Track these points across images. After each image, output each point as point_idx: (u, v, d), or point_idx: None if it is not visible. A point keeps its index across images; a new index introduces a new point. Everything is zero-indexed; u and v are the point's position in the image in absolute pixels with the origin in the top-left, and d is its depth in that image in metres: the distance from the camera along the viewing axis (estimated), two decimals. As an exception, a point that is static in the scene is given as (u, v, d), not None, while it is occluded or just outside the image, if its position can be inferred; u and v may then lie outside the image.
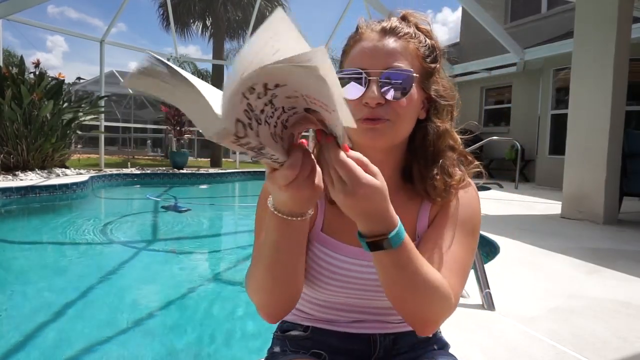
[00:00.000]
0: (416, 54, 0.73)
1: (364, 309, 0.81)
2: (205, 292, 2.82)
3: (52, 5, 50.87)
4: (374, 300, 0.79)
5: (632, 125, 7.57)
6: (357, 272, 0.77)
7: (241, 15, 16.25)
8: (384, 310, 0.82)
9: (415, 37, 0.73)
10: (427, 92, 0.75)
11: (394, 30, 0.72)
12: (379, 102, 0.69)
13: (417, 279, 0.63)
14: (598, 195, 4.62)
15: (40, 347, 1.93)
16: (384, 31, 0.73)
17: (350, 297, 0.79)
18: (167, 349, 1.98)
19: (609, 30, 4.53)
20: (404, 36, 0.72)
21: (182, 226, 4.85)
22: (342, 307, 0.82)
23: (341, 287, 0.78)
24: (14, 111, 6.76)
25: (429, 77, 0.75)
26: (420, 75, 0.73)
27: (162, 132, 17.16)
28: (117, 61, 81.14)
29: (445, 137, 0.77)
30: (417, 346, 0.86)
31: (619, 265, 2.88)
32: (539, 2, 10.89)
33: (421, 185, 0.77)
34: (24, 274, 3.07)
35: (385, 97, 0.69)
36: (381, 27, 0.73)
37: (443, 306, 0.66)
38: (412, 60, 0.72)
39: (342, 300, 0.80)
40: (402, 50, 0.71)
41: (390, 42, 0.71)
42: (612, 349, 1.69)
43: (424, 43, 0.74)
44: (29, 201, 5.63)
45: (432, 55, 0.75)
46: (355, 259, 0.77)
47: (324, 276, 0.77)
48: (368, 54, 0.71)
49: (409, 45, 0.72)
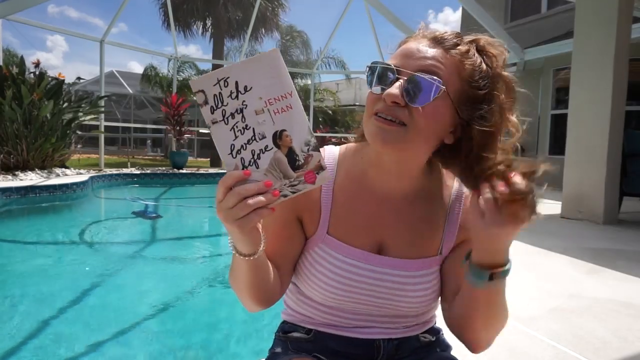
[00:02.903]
0: (459, 71, 0.67)
1: (369, 316, 0.81)
2: (205, 293, 2.82)
3: (53, 4, 50.86)
4: (379, 307, 0.78)
5: (632, 125, 7.56)
6: (363, 277, 0.76)
7: (241, 15, 16.24)
8: (389, 318, 0.81)
9: (468, 57, 0.68)
10: (462, 116, 0.68)
11: (444, 41, 0.69)
12: (395, 101, 0.65)
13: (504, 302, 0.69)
14: (598, 195, 4.62)
15: (41, 347, 1.93)
16: (434, 39, 0.69)
17: (356, 302, 0.78)
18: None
19: (609, 30, 4.53)
20: (451, 50, 0.68)
21: (183, 226, 4.85)
22: (346, 313, 0.81)
23: (345, 291, 0.76)
24: (14, 111, 6.75)
25: (471, 103, 0.67)
26: (458, 96, 0.67)
27: (161, 132, 17.18)
28: (117, 61, 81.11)
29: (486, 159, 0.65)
30: (420, 350, 0.86)
31: (619, 265, 2.88)
32: (539, 2, 10.88)
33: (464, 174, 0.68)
34: (23, 274, 3.06)
35: (405, 99, 0.65)
36: (434, 35, 0.70)
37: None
38: (451, 77, 0.67)
39: (347, 307, 0.79)
40: (442, 61, 0.67)
41: (433, 51, 0.68)
42: (612, 349, 1.69)
43: (476, 66, 0.68)
44: (29, 201, 5.63)
45: (484, 81, 0.68)
46: (362, 262, 0.76)
47: (328, 278, 0.76)
48: (406, 54, 0.69)
49: (454, 61, 0.67)
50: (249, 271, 0.68)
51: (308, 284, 0.79)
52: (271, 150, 0.58)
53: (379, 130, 0.67)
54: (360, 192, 0.78)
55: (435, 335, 0.89)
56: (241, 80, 0.56)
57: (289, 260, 0.79)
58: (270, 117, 0.57)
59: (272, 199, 0.56)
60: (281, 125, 0.58)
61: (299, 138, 0.58)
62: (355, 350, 0.82)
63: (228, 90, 0.56)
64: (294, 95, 0.58)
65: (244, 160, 0.57)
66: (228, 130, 0.57)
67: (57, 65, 74.52)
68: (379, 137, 0.67)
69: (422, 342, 0.86)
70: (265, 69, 0.57)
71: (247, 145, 0.57)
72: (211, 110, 0.56)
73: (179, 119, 9.99)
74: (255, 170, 0.57)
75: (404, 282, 0.76)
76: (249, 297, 0.73)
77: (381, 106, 0.67)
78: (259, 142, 0.57)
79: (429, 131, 0.67)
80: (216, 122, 0.56)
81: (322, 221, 0.78)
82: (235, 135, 0.57)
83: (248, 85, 0.57)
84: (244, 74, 0.57)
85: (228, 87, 0.56)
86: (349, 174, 0.80)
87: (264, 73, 0.57)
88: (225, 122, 0.57)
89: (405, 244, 0.78)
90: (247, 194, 0.56)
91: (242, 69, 0.57)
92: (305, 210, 0.78)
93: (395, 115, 0.66)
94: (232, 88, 0.56)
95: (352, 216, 0.78)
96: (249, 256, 0.64)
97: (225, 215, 0.57)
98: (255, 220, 0.57)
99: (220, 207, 0.57)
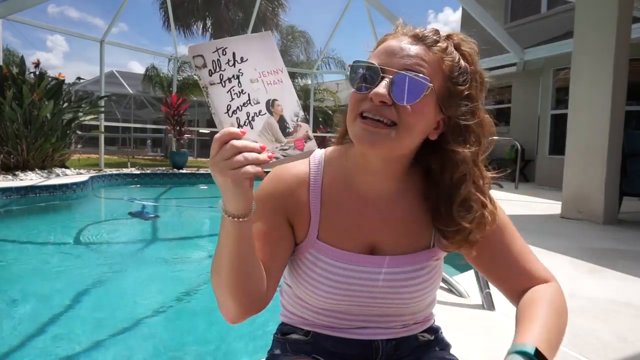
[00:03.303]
0: (441, 68, 0.68)
1: (366, 317, 0.80)
2: (205, 294, 2.82)
3: (53, 4, 50.88)
4: (377, 307, 0.78)
5: (632, 125, 7.56)
6: (358, 279, 0.76)
7: (242, 15, 16.24)
8: (386, 317, 0.81)
9: (448, 53, 0.69)
10: (445, 112, 0.70)
11: (425, 39, 0.69)
12: (383, 101, 0.65)
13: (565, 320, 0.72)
14: (598, 195, 4.62)
15: (40, 347, 1.93)
16: (415, 36, 0.70)
17: (352, 304, 0.78)
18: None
19: (609, 30, 4.52)
20: (433, 47, 0.68)
21: (183, 226, 4.85)
22: (344, 315, 0.80)
23: (341, 295, 0.76)
24: (15, 111, 6.76)
25: (452, 99, 0.69)
26: (440, 92, 0.68)
27: (162, 132, 17.17)
28: (117, 61, 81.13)
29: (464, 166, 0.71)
30: (418, 349, 0.85)
31: (619, 265, 2.88)
32: (539, 2, 10.88)
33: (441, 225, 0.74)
34: (23, 274, 3.06)
35: (392, 98, 0.66)
36: (415, 33, 0.70)
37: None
38: (434, 74, 0.67)
39: (344, 309, 0.79)
40: (425, 59, 0.67)
41: (416, 48, 0.68)
42: (612, 349, 1.69)
43: (456, 62, 0.69)
44: (29, 201, 5.63)
45: (463, 77, 0.70)
46: (354, 265, 0.76)
47: (322, 284, 0.76)
48: (389, 53, 0.68)
49: (436, 58, 0.68)
50: (236, 246, 0.64)
51: (302, 289, 0.79)
52: (264, 115, 0.61)
53: (367, 132, 0.67)
54: (347, 194, 0.78)
55: (434, 334, 0.89)
56: (238, 52, 0.61)
57: (278, 264, 0.76)
58: (264, 87, 0.62)
59: (267, 161, 0.58)
60: (273, 95, 0.62)
61: (289, 109, 0.62)
62: (354, 351, 0.81)
63: (226, 59, 0.60)
64: (284, 72, 0.63)
65: (239, 120, 0.60)
66: (225, 92, 0.60)
67: (57, 65, 74.57)
68: (367, 140, 0.67)
69: (420, 341, 0.86)
70: (260, 46, 0.62)
71: (243, 107, 0.60)
72: (209, 73, 0.59)
73: (179, 119, 10.00)
74: (250, 130, 0.60)
75: (396, 278, 0.76)
76: (229, 294, 0.69)
77: (367, 106, 0.67)
78: (253, 106, 0.61)
79: (417, 129, 0.68)
80: (214, 83, 0.59)
81: (312, 226, 0.77)
82: (231, 97, 0.60)
83: (244, 57, 0.61)
84: (241, 47, 0.61)
85: (226, 56, 0.60)
86: (335, 176, 0.79)
87: (259, 49, 0.62)
88: (222, 85, 0.60)
89: (395, 241, 0.78)
90: (244, 148, 0.56)
91: (239, 42, 0.61)
92: (295, 214, 0.77)
93: (383, 115, 0.66)
94: (230, 57, 0.60)
95: (341, 219, 0.77)
96: (240, 217, 0.62)
97: (220, 167, 0.57)
98: (250, 172, 0.56)
99: (215, 160, 0.57)
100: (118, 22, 11.06)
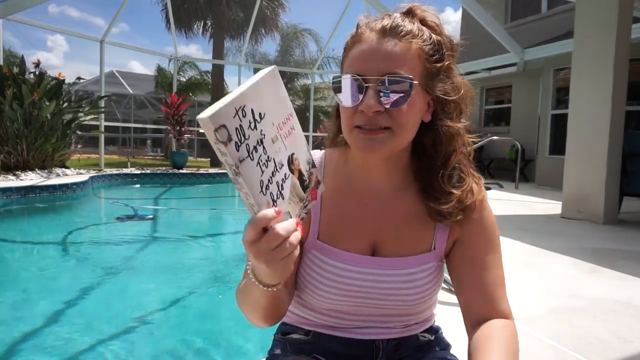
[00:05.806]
0: (418, 54, 0.67)
1: (367, 317, 0.80)
2: (205, 294, 2.82)
3: (53, 4, 50.91)
4: (377, 308, 0.78)
5: (632, 125, 7.55)
6: (357, 280, 0.76)
7: (242, 15, 16.24)
8: (387, 317, 0.80)
9: (418, 35, 0.68)
10: (432, 93, 0.70)
11: (394, 30, 0.67)
12: (377, 110, 0.66)
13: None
14: (598, 195, 4.62)
15: (40, 347, 1.93)
16: (383, 31, 0.68)
17: (353, 305, 0.78)
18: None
19: (609, 30, 4.52)
20: (405, 36, 0.67)
21: (182, 226, 4.84)
22: (344, 315, 0.80)
23: (342, 296, 0.76)
24: (15, 111, 6.76)
25: (434, 77, 0.70)
26: (423, 77, 0.68)
27: (162, 132, 17.17)
28: (117, 61, 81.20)
29: (456, 139, 0.74)
30: (419, 349, 0.85)
31: (619, 265, 2.88)
32: (539, 2, 10.88)
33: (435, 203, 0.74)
34: (23, 274, 3.06)
35: (384, 105, 0.65)
36: (381, 27, 0.68)
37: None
38: (414, 63, 0.67)
39: (345, 309, 0.79)
40: (402, 53, 0.66)
41: (390, 45, 0.67)
42: (612, 349, 1.69)
43: (428, 41, 0.69)
44: (29, 201, 5.63)
45: (438, 53, 0.69)
46: (354, 266, 0.76)
47: (323, 284, 0.76)
48: (366, 58, 0.67)
49: (411, 46, 0.67)
50: (267, 299, 0.64)
51: (303, 289, 0.79)
52: (289, 178, 0.56)
53: (366, 141, 0.68)
54: (348, 195, 0.78)
55: (434, 334, 0.89)
56: (256, 107, 0.51)
57: (293, 271, 0.77)
58: (283, 144, 0.55)
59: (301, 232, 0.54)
60: (290, 149, 0.56)
61: (302, 159, 0.59)
62: (355, 351, 0.81)
63: (247, 121, 0.49)
64: (294, 116, 0.57)
65: (273, 195, 0.53)
66: (255, 166, 0.50)
67: (58, 65, 74.74)
68: (368, 148, 0.68)
69: (421, 341, 0.85)
70: (271, 89, 0.54)
71: (272, 178, 0.53)
72: (235, 146, 0.48)
73: (179, 119, 10.00)
74: (280, 201, 0.54)
75: (397, 280, 0.76)
76: (258, 318, 0.71)
77: (362, 120, 0.67)
78: (279, 171, 0.54)
79: (412, 123, 0.70)
80: (243, 159, 0.49)
81: (312, 227, 0.77)
82: (261, 170, 0.51)
83: (262, 112, 0.52)
84: (257, 99, 0.51)
85: (246, 117, 0.49)
86: (335, 178, 0.79)
87: (270, 93, 0.54)
88: (251, 158, 0.50)
89: (397, 242, 0.77)
90: (289, 233, 0.51)
91: (254, 93, 0.51)
92: None
93: (378, 124, 0.67)
94: (250, 117, 0.50)
95: (342, 220, 0.77)
96: (273, 287, 0.59)
97: (268, 258, 0.51)
98: (296, 255, 0.53)
99: (260, 249, 0.51)
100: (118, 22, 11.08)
